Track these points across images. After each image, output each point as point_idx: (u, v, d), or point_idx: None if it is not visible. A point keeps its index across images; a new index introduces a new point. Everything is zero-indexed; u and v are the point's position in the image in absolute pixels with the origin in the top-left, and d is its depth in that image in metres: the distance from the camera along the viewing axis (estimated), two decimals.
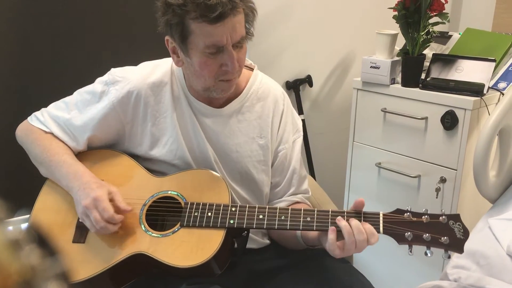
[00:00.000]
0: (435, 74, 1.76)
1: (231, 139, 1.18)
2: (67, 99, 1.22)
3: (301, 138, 1.27)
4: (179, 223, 1.07)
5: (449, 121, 1.67)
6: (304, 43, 2.12)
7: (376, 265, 1.96)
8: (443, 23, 1.71)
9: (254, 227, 1.06)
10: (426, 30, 1.70)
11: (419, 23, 1.69)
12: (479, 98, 1.63)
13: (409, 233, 0.97)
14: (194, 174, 1.14)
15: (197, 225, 1.06)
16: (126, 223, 1.09)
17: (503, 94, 1.69)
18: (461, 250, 0.96)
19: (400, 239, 0.98)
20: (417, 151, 1.79)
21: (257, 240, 1.23)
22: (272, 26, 2.00)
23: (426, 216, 0.99)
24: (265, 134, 1.20)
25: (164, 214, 1.13)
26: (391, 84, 1.82)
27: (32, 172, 1.20)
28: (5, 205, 0.34)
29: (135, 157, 1.20)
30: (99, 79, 1.19)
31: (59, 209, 1.15)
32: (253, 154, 1.19)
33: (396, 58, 1.82)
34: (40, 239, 0.29)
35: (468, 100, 1.62)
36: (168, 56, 1.14)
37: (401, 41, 1.81)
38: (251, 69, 1.24)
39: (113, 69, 1.19)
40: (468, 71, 1.71)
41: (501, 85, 1.73)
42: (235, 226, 1.05)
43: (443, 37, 1.99)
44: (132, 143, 1.19)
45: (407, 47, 1.76)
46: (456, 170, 1.69)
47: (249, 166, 1.19)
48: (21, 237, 0.28)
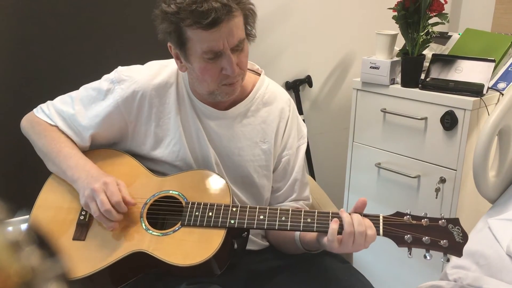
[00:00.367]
0: (434, 74, 1.76)
1: (234, 142, 1.18)
2: (73, 93, 1.22)
3: (305, 145, 1.26)
4: (179, 222, 1.08)
5: (449, 121, 1.67)
6: (303, 44, 2.12)
7: (376, 265, 1.96)
8: (443, 23, 1.71)
9: (255, 227, 1.06)
10: (426, 31, 1.70)
11: (418, 24, 1.69)
12: (478, 98, 1.64)
13: (408, 235, 0.98)
14: (196, 174, 1.15)
15: (197, 224, 1.06)
16: (127, 221, 1.09)
17: (502, 95, 1.69)
18: (460, 254, 0.97)
19: (400, 242, 0.98)
20: (416, 151, 1.79)
21: (257, 241, 1.23)
22: (272, 26, 2.00)
23: (426, 219, 0.99)
24: (268, 139, 1.20)
25: (165, 214, 1.13)
26: (391, 84, 1.83)
27: (32, 172, 1.20)
28: (5, 205, 0.34)
29: (138, 156, 1.20)
30: (106, 77, 1.19)
31: (60, 207, 1.15)
32: (255, 159, 1.19)
33: (396, 59, 1.82)
34: (40, 240, 0.29)
35: (468, 101, 1.62)
36: None
37: (400, 42, 1.81)
38: (258, 74, 1.24)
39: (120, 67, 1.19)
40: (468, 71, 1.71)
41: (501, 85, 1.73)
42: (236, 226, 1.05)
43: (443, 37, 1.99)
44: (135, 142, 1.19)
45: (407, 48, 1.76)
46: (456, 170, 1.69)
47: (251, 170, 1.19)
48: (21, 238, 0.28)
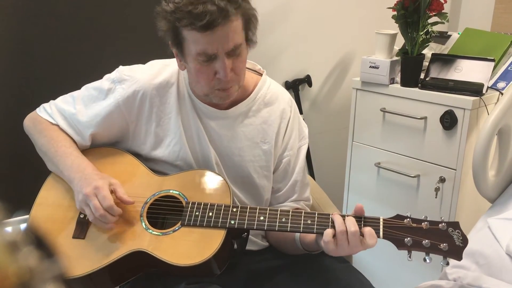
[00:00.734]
0: (434, 74, 1.76)
1: (234, 142, 1.18)
2: (75, 93, 1.22)
3: (306, 145, 1.26)
4: (180, 222, 1.07)
5: (448, 120, 1.67)
6: (303, 43, 2.12)
7: (376, 264, 1.96)
8: (442, 23, 1.71)
9: (255, 228, 1.06)
10: (425, 30, 1.70)
11: (418, 23, 1.69)
12: (478, 98, 1.64)
13: (408, 238, 0.97)
14: (196, 174, 1.14)
15: (197, 224, 1.06)
16: (127, 220, 1.09)
17: (502, 94, 1.69)
18: (459, 258, 0.97)
19: (400, 244, 0.98)
20: (416, 151, 1.79)
21: (257, 242, 1.23)
22: (271, 26, 2.00)
23: (426, 222, 0.99)
24: (269, 140, 1.19)
25: (165, 213, 1.13)
26: (391, 84, 1.82)
27: (32, 171, 1.20)
28: (3, 206, 0.33)
29: (139, 156, 1.20)
30: (107, 76, 1.19)
31: (60, 205, 1.15)
32: (255, 159, 1.19)
33: (395, 58, 1.82)
34: (38, 240, 0.29)
35: (467, 100, 1.62)
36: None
37: (400, 41, 1.81)
38: (260, 74, 1.24)
39: (121, 67, 1.19)
40: (467, 71, 1.71)
41: (500, 84, 1.73)
42: (236, 227, 1.05)
43: (442, 37, 1.99)
44: (136, 142, 1.19)
45: (406, 47, 1.76)
46: (455, 170, 1.69)
47: (251, 171, 1.19)
48: (19, 239, 0.28)
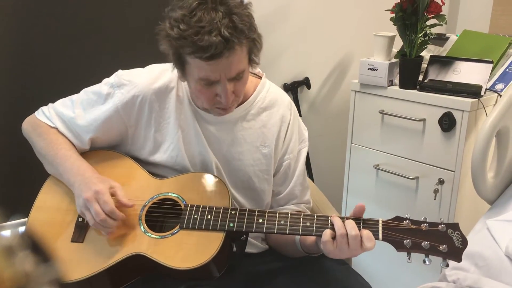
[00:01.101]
0: (432, 75, 1.76)
1: (234, 147, 1.17)
2: (74, 97, 1.22)
3: (306, 148, 1.26)
4: (178, 225, 1.07)
5: (447, 122, 1.67)
6: (301, 45, 2.12)
7: (375, 266, 1.96)
8: (440, 25, 1.71)
9: (254, 230, 1.06)
10: (424, 32, 1.70)
11: (416, 25, 1.69)
12: (476, 99, 1.64)
13: (408, 240, 0.97)
14: (195, 176, 1.14)
15: (196, 227, 1.06)
16: (126, 223, 1.09)
17: (500, 96, 1.69)
18: (459, 259, 0.96)
19: (399, 246, 0.97)
20: (415, 152, 1.79)
21: (256, 244, 1.23)
22: (270, 28, 2.00)
23: (425, 224, 0.99)
24: (269, 143, 1.19)
25: (163, 216, 1.13)
26: (389, 86, 1.83)
27: (31, 174, 1.20)
28: (0, 209, 0.33)
29: (138, 160, 1.20)
30: (106, 80, 1.18)
31: (58, 208, 1.15)
32: (255, 163, 1.18)
33: (394, 60, 1.82)
34: (34, 245, 0.29)
35: (466, 102, 1.63)
36: None
37: (398, 43, 1.82)
38: (260, 77, 1.24)
39: (120, 71, 1.18)
40: (466, 72, 1.72)
41: (499, 86, 1.74)
42: (235, 229, 1.05)
43: (441, 39, 1.99)
44: (134, 146, 1.19)
45: (405, 49, 1.76)
46: (454, 171, 1.69)
47: (251, 175, 1.18)
48: (15, 243, 0.28)
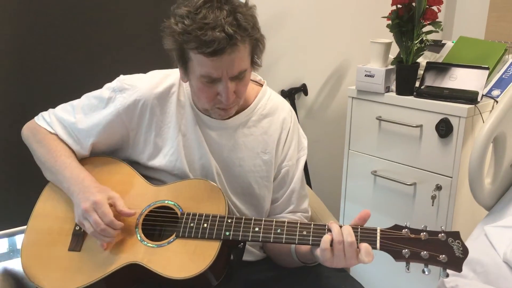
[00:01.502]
0: (429, 82, 1.77)
1: (235, 153, 1.18)
2: (75, 102, 1.21)
3: (305, 157, 1.26)
4: (174, 233, 1.07)
5: (444, 128, 1.67)
6: (299, 52, 2.12)
7: (373, 273, 1.95)
8: (437, 31, 1.72)
9: (250, 239, 1.05)
10: (420, 39, 1.71)
11: (412, 32, 1.70)
12: (473, 105, 1.64)
13: (406, 250, 0.94)
14: (192, 183, 1.14)
15: (192, 236, 1.05)
16: (122, 232, 1.08)
17: (497, 102, 1.70)
18: (459, 269, 0.93)
19: (397, 256, 0.95)
20: (412, 159, 1.79)
21: (254, 252, 1.23)
22: (267, 35, 1.98)
23: (425, 233, 0.96)
24: (269, 150, 1.19)
25: (160, 224, 1.12)
26: (386, 92, 1.83)
27: (30, 182, 1.20)
28: None
29: (137, 165, 1.20)
30: (107, 85, 1.19)
31: (57, 216, 1.14)
32: (256, 170, 1.18)
33: (391, 67, 1.83)
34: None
35: (463, 108, 1.63)
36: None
37: (395, 50, 1.82)
38: (261, 84, 1.24)
39: (122, 76, 1.19)
40: (462, 79, 1.72)
41: (495, 92, 1.74)
42: (231, 238, 1.04)
43: (437, 45, 2.00)
44: (135, 150, 1.19)
45: (401, 56, 1.77)
46: (452, 177, 1.69)
47: (251, 181, 1.18)
48: None
